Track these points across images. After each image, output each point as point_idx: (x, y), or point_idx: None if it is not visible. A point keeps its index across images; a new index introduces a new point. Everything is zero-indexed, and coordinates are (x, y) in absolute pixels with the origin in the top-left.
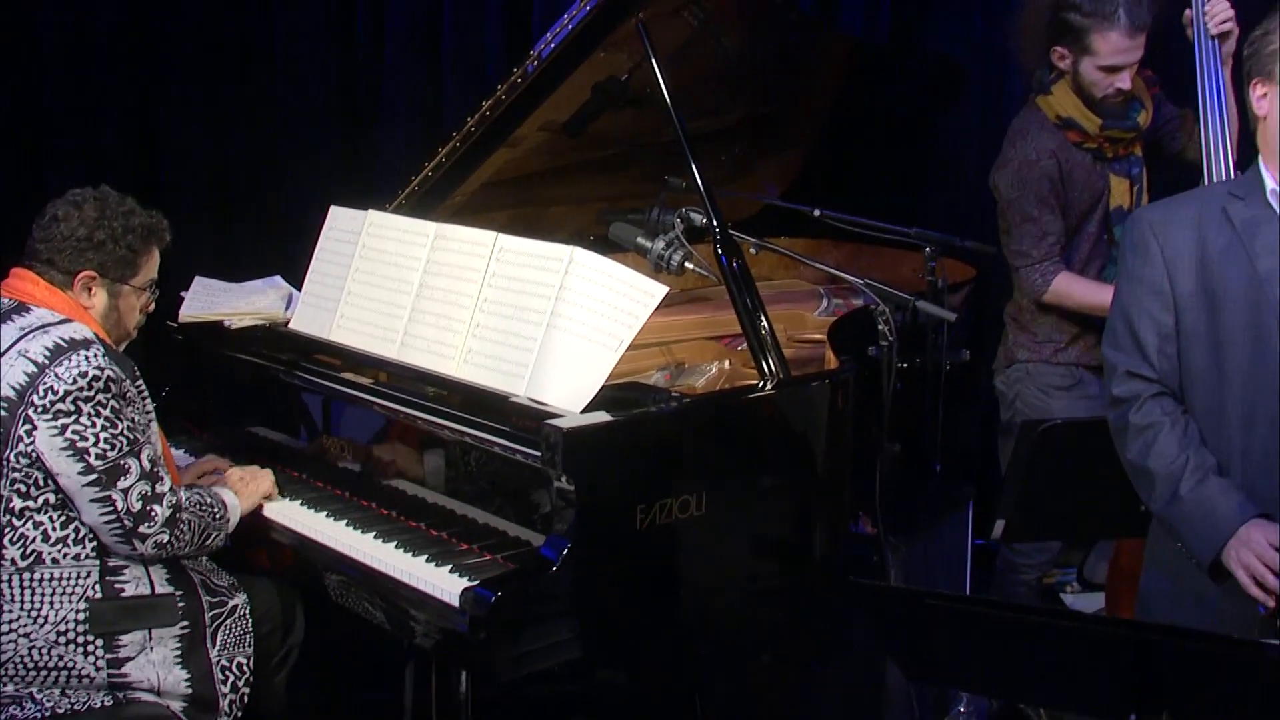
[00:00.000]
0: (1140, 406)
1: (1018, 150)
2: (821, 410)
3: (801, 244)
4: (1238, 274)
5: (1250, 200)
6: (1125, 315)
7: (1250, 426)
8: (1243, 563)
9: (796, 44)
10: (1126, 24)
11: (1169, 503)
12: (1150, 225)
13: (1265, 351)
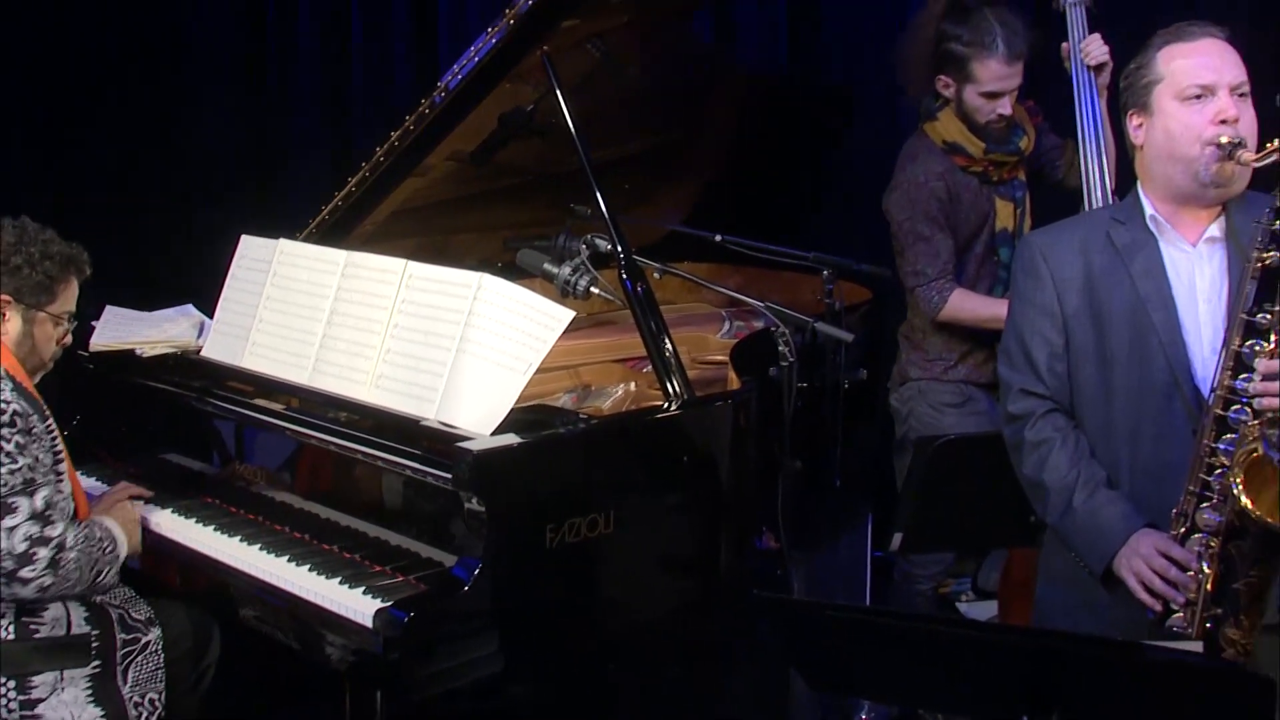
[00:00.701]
0: (1034, 423)
1: (907, 174)
2: (724, 429)
3: (704, 268)
4: (1121, 295)
5: (1131, 224)
6: (1018, 335)
7: (1136, 441)
8: (1133, 570)
9: (696, 74)
10: (1005, 53)
11: (1063, 515)
12: (1039, 249)
13: (1148, 369)
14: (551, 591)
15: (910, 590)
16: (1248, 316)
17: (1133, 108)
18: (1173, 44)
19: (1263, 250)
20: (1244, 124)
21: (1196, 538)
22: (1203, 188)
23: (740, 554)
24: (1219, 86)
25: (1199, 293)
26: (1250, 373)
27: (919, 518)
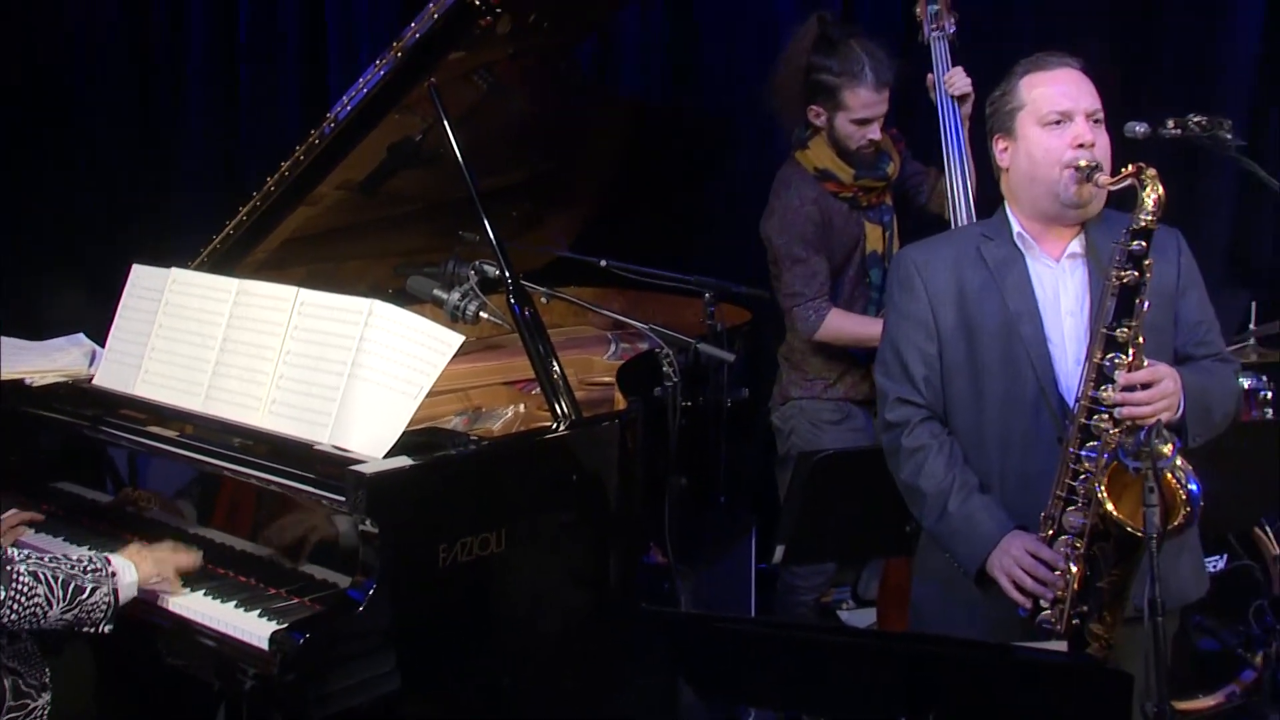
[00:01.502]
0: (911, 431)
1: (782, 200)
2: (612, 448)
3: (590, 292)
4: (992, 310)
5: (1000, 241)
6: (895, 347)
7: (1007, 448)
8: (1004, 570)
9: (580, 105)
10: (873, 81)
11: (938, 519)
12: (914, 264)
13: (1018, 380)
14: (446, 609)
15: (793, 600)
16: (1108, 331)
17: (998, 132)
18: (1033, 73)
19: (1120, 269)
20: (1099, 148)
21: (1063, 539)
22: (1063, 208)
23: (629, 569)
24: (1076, 113)
25: (1063, 307)
26: (1111, 384)
27: (800, 530)
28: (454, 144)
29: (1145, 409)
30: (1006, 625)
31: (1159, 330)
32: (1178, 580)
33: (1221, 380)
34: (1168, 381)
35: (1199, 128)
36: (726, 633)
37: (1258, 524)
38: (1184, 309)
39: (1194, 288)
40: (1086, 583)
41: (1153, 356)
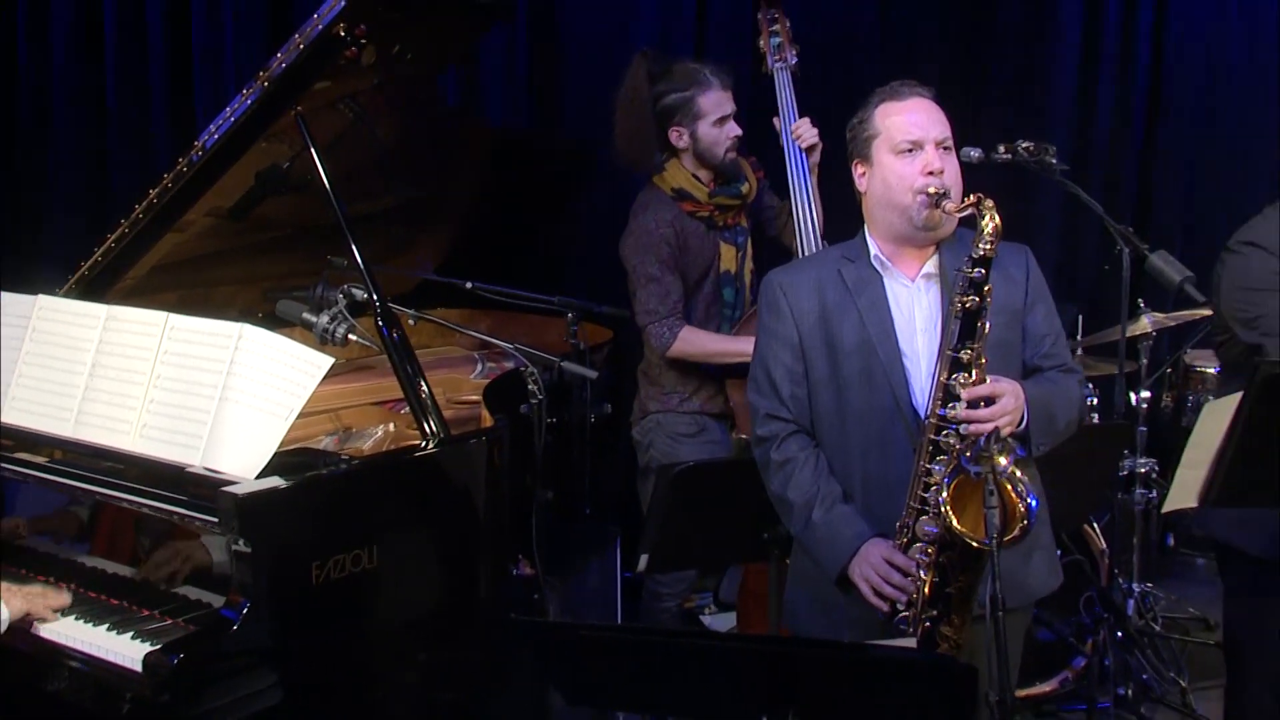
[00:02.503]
0: (779, 444)
1: (639, 221)
2: (480, 465)
3: (456, 314)
4: (852, 327)
5: (859, 263)
6: (764, 365)
7: (867, 458)
8: (862, 575)
9: (445, 132)
10: (718, 83)
11: (804, 527)
12: (780, 287)
13: (875, 394)
14: (319, 625)
15: (658, 607)
16: (953, 353)
17: (856, 158)
18: (888, 102)
19: (963, 295)
20: (949, 175)
21: (917, 546)
22: (916, 230)
23: (498, 581)
24: (926, 141)
25: (918, 325)
26: (957, 401)
27: (663, 539)
28: (321, 171)
29: (988, 425)
30: (869, 625)
31: (1008, 344)
32: (1031, 578)
33: (1065, 390)
34: (1009, 398)
35: (1027, 153)
36: (593, 640)
37: (1087, 522)
38: (1031, 323)
39: (1041, 302)
40: (937, 589)
41: (1002, 369)
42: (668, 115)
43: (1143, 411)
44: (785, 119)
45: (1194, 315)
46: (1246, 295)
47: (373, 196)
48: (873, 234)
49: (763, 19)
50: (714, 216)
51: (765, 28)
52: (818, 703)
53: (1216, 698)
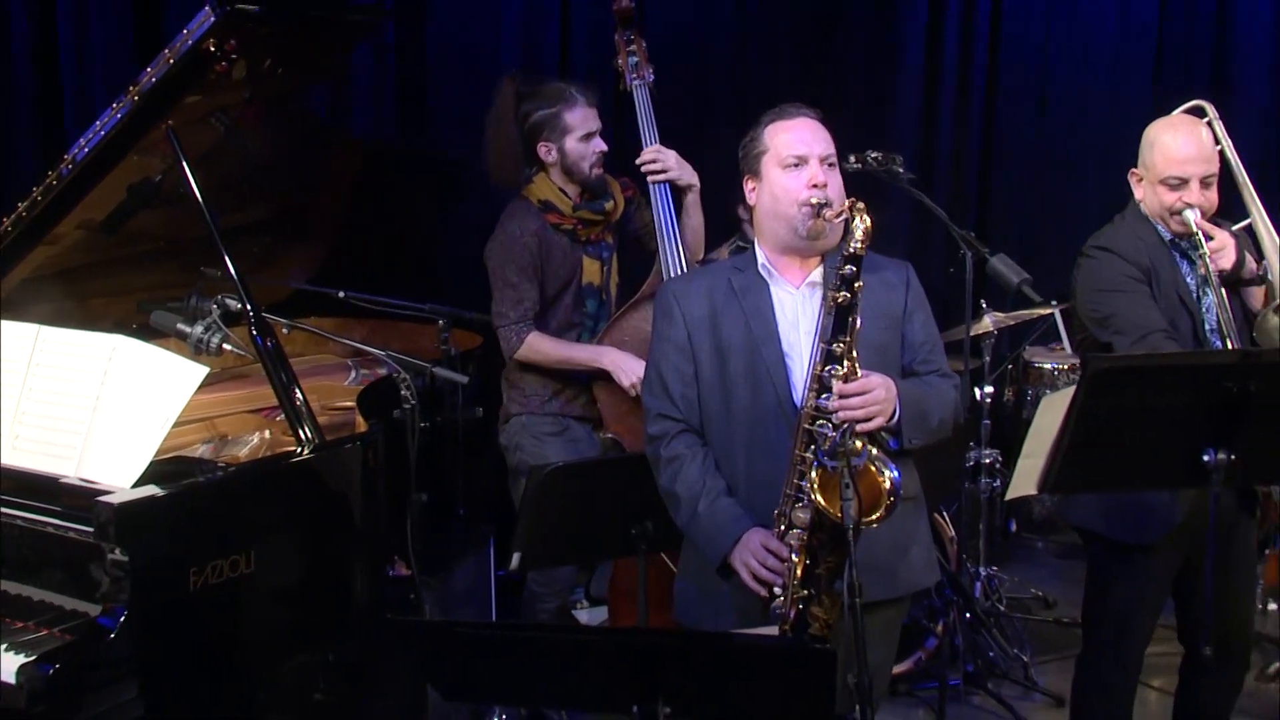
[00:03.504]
0: (669, 441)
1: (505, 228)
2: (355, 469)
3: (330, 322)
4: (738, 329)
5: (747, 272)
6: (657, 367)
7: (751, 454)
8: (742, 562)
9: (315, 145)
10: (583, 100)
11: (691, 519)
12: (674, 294)
13: (759, 394)
14: (197, 630)
15: (538, 608)
16: (826, 345)
17: (747, 173)
18: (777, 121)
19: (836, 291)
20: (832, 188)
21: (793, 533)
22: (801, 240)
23: (375, 582)
24: (811, 157)
25: (801, 329)
26: (830, 392)
27: (534, 538)
28: (193, 184)
29: (859, 413)
30: (751, 611)
31: (887, 347)
32: (909, 570)
33: (940, 393)
34: (879, 390)
35: (876, 162)
36: (468, 637)
37: (936, 511)
38: (910, 331)
39: (920, 312)
40: (808, 570)
41: (881, 371)
42: (536, 131)
43: (986, 406)
44: (645, 135)
45: (1032, 314)
46: (1099, 296)
47: (245, 208)
48: (761, 245)
49: (619, 39)
50: (577, 230)
51: (623, 47)
52: (685, 690)
53: (1055, 670)
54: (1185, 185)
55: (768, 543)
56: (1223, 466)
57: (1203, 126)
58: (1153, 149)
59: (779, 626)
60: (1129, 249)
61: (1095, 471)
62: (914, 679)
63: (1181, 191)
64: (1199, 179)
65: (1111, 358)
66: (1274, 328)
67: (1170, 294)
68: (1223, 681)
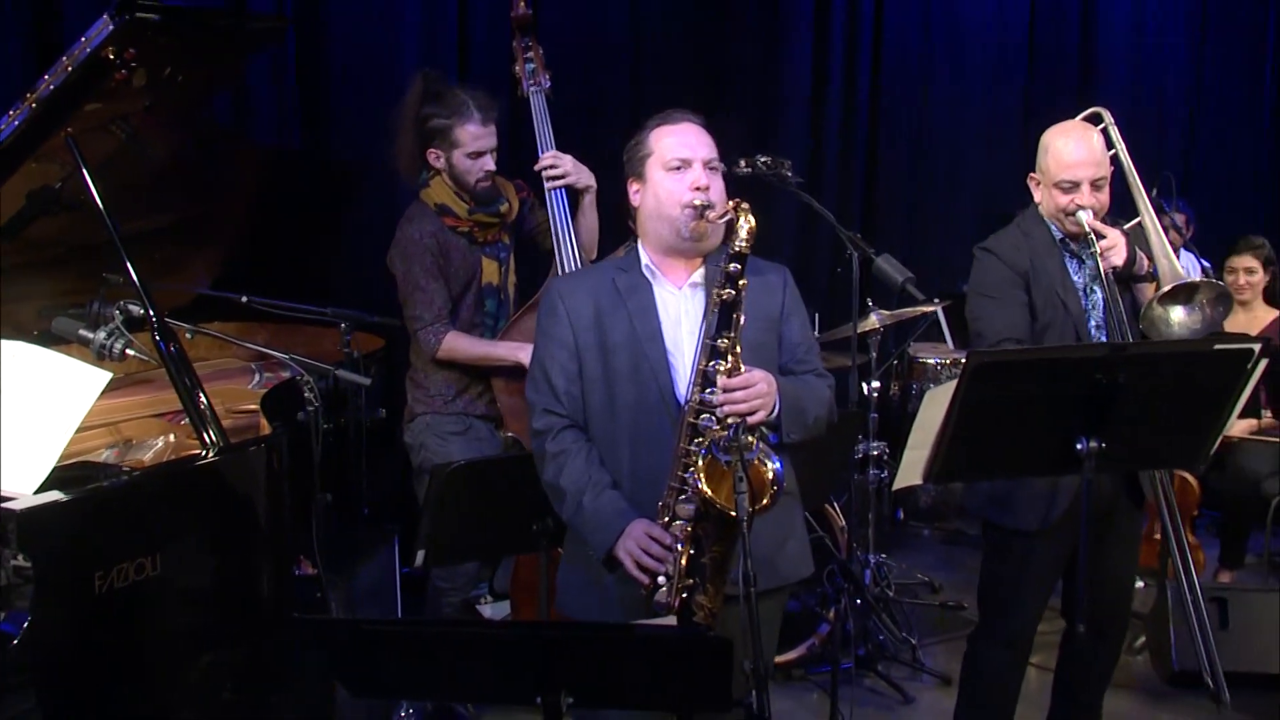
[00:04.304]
0: (555, 436)
1: (404, 233)
2: (259, 471)
3: (233, 327)
4: (623, 330)
5: (631, 272)
6: (541, 364)
7: (636, 449)
8: (627, 552)
9: (216, 152)
10: (479, 117)
11: (576, 512)
12: (559, 293)
13: (643, 391)
14: (104, 633)
15: (442, 603)
16: (710, 341)
17: (631, 176)
18: (661, 125)
19: (721, 289)
20: (714, 191)
21: (676, 524)
22: (684, 241)
23: (281, 582)
24: (695, 160)
25: (684, 328)
26: (714, 387)
27: (438, 535)
28: (94, 191)
29: (742, 406)
30: (635, 601)
31: (765, 347)
32: (787, 562)
33: (816, 391)
34: (761, 384)
35: (765, 167)
36: (374, 634)
37: (827, 502)
38: (788, 332)
39: (796, 315)
40: (692, 560)
41: (755, 367)
42: (429, 136)
43: (873, 400)
44: (541, 140)
45: (915, 312)
46: (973, 298)
47: (147, 214)
48: (644, 246)
49: (517, 46)
50: (474, 233)
51: (520, 54)
52: (587, 682)
53: (942, 652)
54: (1078, 188)
55: (651, 532)
56: (1094, 453)
57: (1096, 132)
58: (1047, 154)
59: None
60: (1009, 251)
61: (977, 461)
62: (807, 664)
63: (1074, 194)
64: (1090, 182)
65: (990, 352)
66: (1158, 319)
67: (1050, 294)
68: (1099, 657)
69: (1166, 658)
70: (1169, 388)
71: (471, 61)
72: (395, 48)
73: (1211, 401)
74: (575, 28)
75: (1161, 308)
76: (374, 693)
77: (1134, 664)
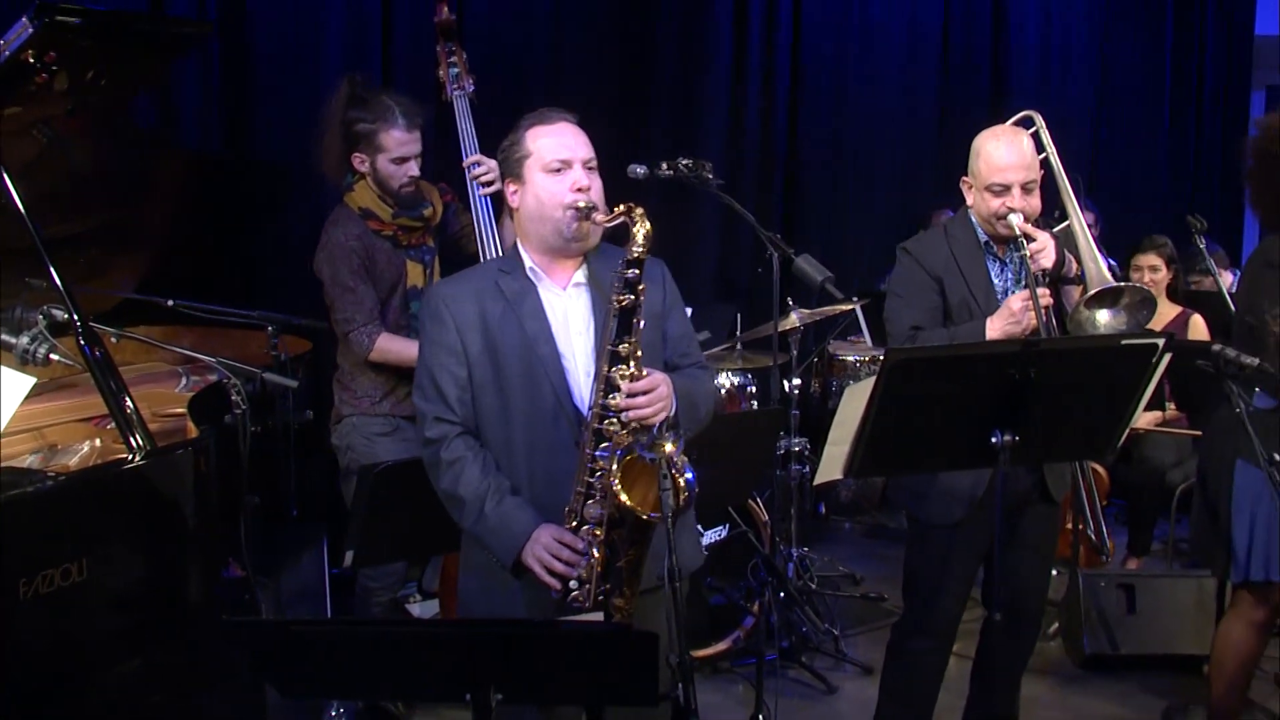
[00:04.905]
0: (448, 445)
1: (330, 236)
2: (187, 475)
3: (159, 331)
4: (512, 334)
5: (515, 274)
6: (430, 372)
7: (532, 454)
8: (536, 558)
9: (140, 156)
10: (404, 123)
11: (477, 520)
12: (442, 298)
13: (538, 394)
14: (30, 640)
15: (371, 601)
16: (612, 347)
17: (509, 177)
18: (536, 126)
19: (620, 295)
20: (594, 191)
21: (585, 529)
22: (566, 242)
23: (210, 585)
24: (574, 161)
25: (572, 328)
26: (617, 392)
27: (366, 536)
28: (14, 196)
29: (647, 411)
30: (542, 606)
31: (650, 345)
32: (682, 555)
33: (702, 384)
34: (663, 387)
35: (687, 169)
36: (303, 635)
37: (750, 497)
38: (671, 327)
39: (677, 308)
40: (607, 564)
41: (646, 367)
42: (354, 140)
43: (795, 397)
44: (465, 144)
45: (835, 310)
46: (889, 298)
47: (70, 218)
48: (526, 247)
49: (441, 51)
50: (398, 236)
51: (444, 59)
52: (516, 677)
53: (864, 642)
54: (1009, 191)
55: (561, 538)
56: (1008, 447)
57: (1026, 136)
58: (978, 157)
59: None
60: (926, 253)
61: (895, 455)
62: (733, 656)
63: (1005, 197)
64: (1020, 185)
65: (908, 350)
66: (1085, 321)
67: (962, 295)
68: (1016, 644)
69: (1079, 643)
70: (1079, 382)
71: (395, 66)
72: (319, 52)
73: (1119, 395)
74: (498, 32)
75: (1089, 310)
76: (304, 693)
77: (1048, 650)
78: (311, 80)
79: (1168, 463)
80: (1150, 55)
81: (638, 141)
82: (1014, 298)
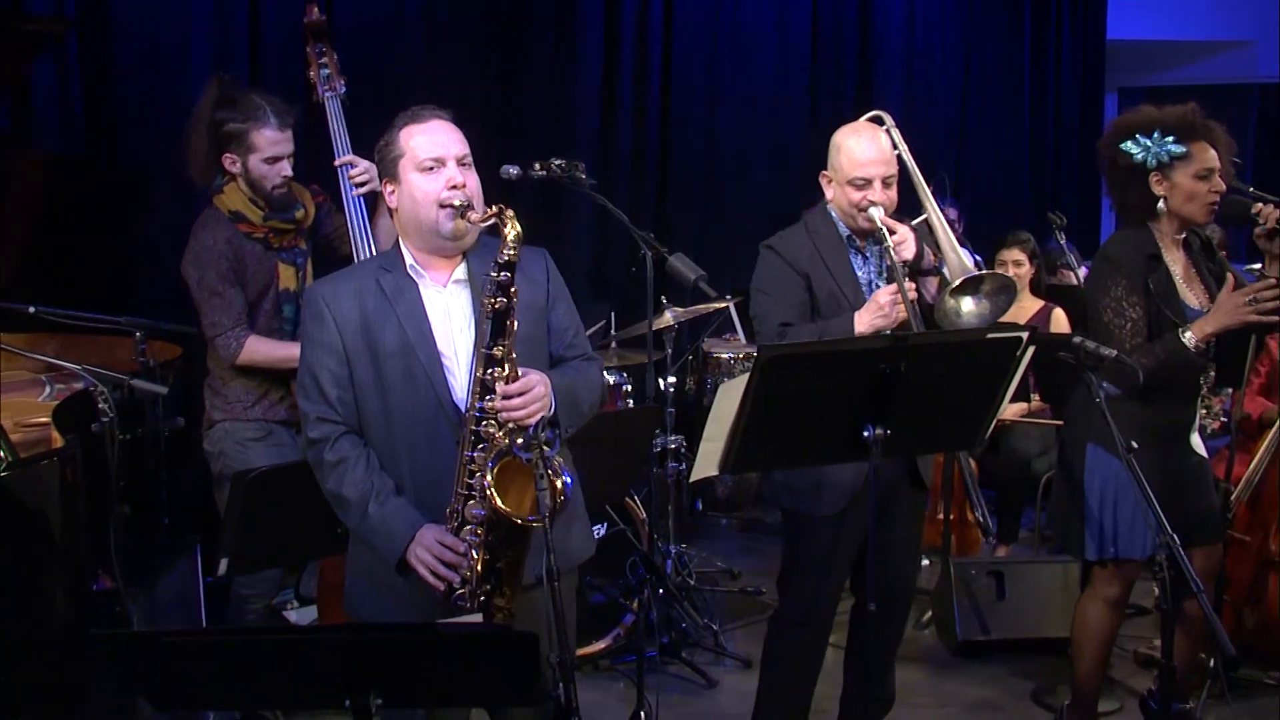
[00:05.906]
0: (332, 445)
1: (198, 239)
2: (52, 485)
3: (20, 338)
4: (392, 332)
5: (395, 272)
6: (311, 372)
7: (414, 454)
8: (419, 559)
9: None
10: (276, 122)
11: (361, 520)
12: (322, 298)
13: (417, 394)
14: None
15: (245, 609)
16: (486, 350)
17: (385, 177)
18: (410, 125)
19: (492, 298)
20: (470, 188)
21: (467, 529)
22: (444, 240)
23: (78, 598)
24: (448, 159)
25: (453, 327)
26: (493, 394)
27: (241, 542)
28: None
29: (522, 412)
30: (427, 605)
31: (535, 339)
32: (572, 545)
33: (588, 376)
34: (539, 387)
35: (560, 170)
36: (176, 646)
37: (627, 495)
38: (555, 319)
39: (561, 300)
40: (488, 565)
41: (531, 361)
42: (224, 141)
43: (670, 394)
44: (337, 145)
45: (708, 308)
46: (755, 294)
47: None
48: (406, 245)
49: (311, 52)
50: (269, 238)
51: (314, 60)
52: (395, 681)
53: (743, 636)
54: (870, 185)
55: (442, 539)
56: (880, 440)
57: (882, 133)
58: (839, 153)
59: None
60: (791, 249)
61: (770, 450)
62: (613, 654)
63: (867, 191)
64: (880, 179)
65: (780, 346)
66: (950, 310)
67: (830, 289)
68: (887, 632)
69: (951, 630)
70: (948, 375)
71: (264, 67)
72: (186, 52)
73: (985, 387)
74: (369, 32)
75: (953, 300)
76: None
77: (922, 638)
78: (177, 80)
79: (1033, 452)
80: (1010, 58)
81: (511, 142)
82: (881, 291)
